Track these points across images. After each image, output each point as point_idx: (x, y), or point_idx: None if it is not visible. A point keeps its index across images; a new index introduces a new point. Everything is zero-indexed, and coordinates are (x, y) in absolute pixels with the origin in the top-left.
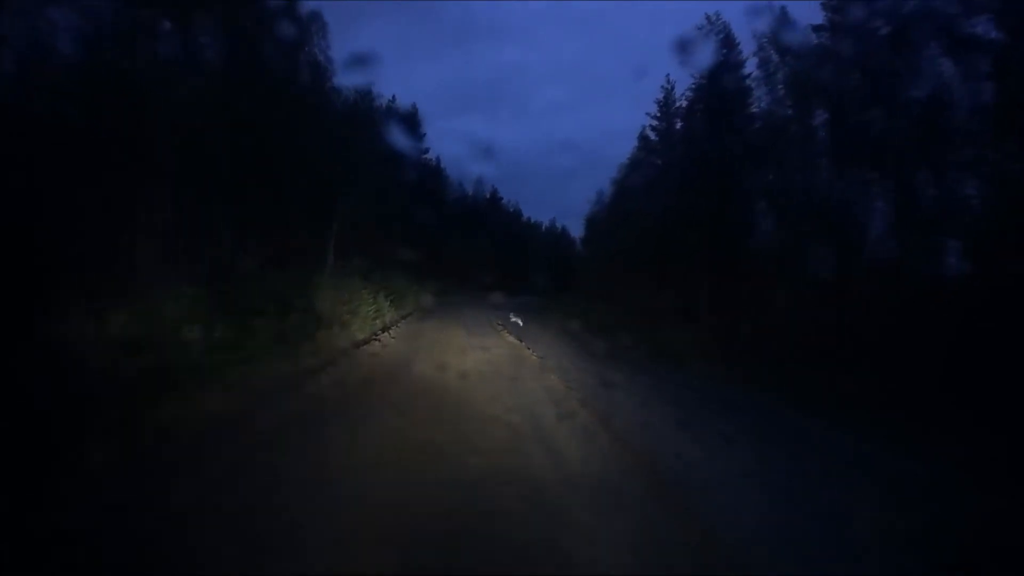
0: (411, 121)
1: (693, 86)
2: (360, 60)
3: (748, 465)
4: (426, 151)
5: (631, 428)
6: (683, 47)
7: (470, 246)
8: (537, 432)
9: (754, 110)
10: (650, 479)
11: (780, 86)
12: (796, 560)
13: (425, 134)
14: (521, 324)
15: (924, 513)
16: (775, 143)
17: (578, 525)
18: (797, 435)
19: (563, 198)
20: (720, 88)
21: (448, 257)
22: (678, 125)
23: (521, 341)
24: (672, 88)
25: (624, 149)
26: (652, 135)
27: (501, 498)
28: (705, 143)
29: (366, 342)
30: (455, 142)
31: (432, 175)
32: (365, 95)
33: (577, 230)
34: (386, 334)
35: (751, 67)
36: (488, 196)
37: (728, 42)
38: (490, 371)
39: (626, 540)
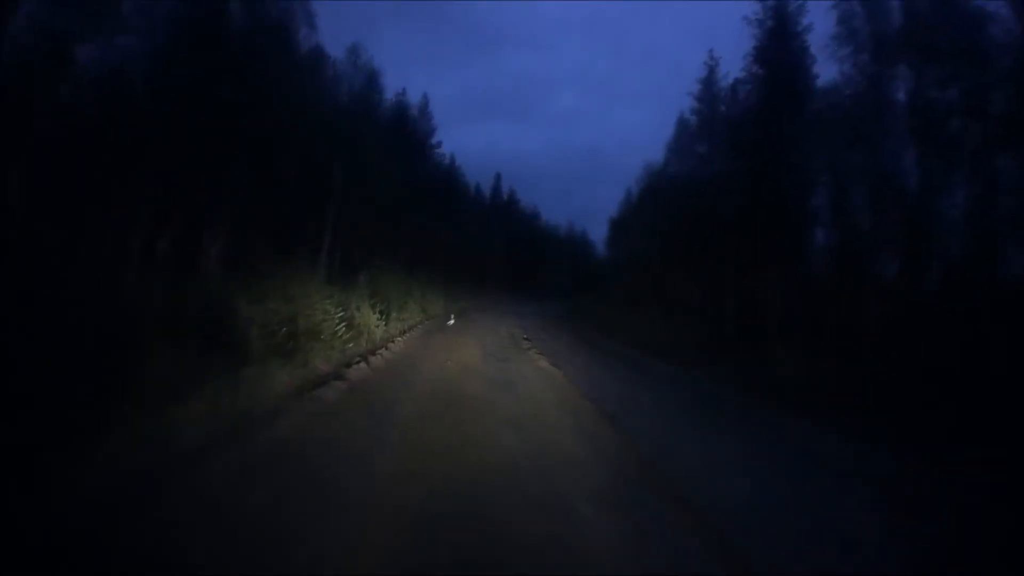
0: (421, 110)
1: (753, 50)
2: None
3: None
4: (439, 144)
5: None
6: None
7: (487, 248)
8: None
9: (820, 84)
10: None
11: (860, 52)
12: None
13: (437, 127)
14: (552, 340)
15: None
16: (844, 122)
17: None
18: None
19: (578, 202)
20: (780, 58)
21: (463, 260)
22: (723, 108)
23: (558, 368)
24: (716, 64)
25: (639, 155)
26: (692, 119)
27: None
28: (761, 122)
29: (321, 384)
30: (472, 147)
31: (446, 173)
32: (361, 64)
33: (594, 233)
34: (364, 364)
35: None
36: (506, 198)
37: (783, 10)
38: (525, 462)
39: None
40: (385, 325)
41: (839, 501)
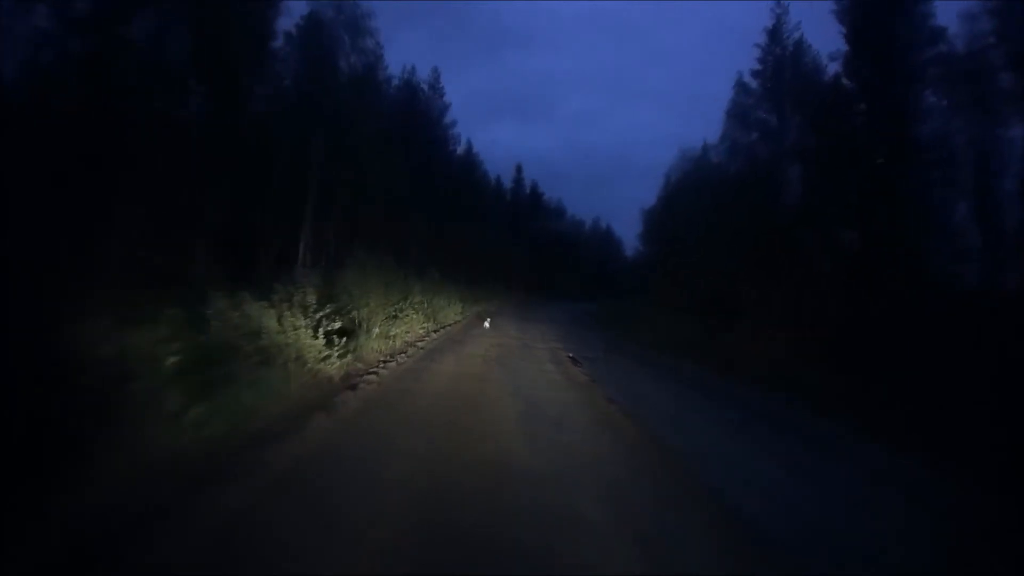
0: (432, 86)
1: None
2: None
3: None
4: (453, 124)
5: None
6: None
7: (509, 246)
8: None
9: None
10: None
11: None
12: None
13: (450, 104)
14: (606, 362)
15: None
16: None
17: None
18: None
19: (590, 202)
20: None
21: (483, 258)
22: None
23: (653, 433)
24: (785, 12)
25: (648, 155)
26: (753, 83)
27: None
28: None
29: None
30: (480, 148)
31: (462, 162)
32: (346, 9)
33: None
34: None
35: None
36: (528, 192)
37: None
38: None
39: None
40: (340, 358)
41: None
